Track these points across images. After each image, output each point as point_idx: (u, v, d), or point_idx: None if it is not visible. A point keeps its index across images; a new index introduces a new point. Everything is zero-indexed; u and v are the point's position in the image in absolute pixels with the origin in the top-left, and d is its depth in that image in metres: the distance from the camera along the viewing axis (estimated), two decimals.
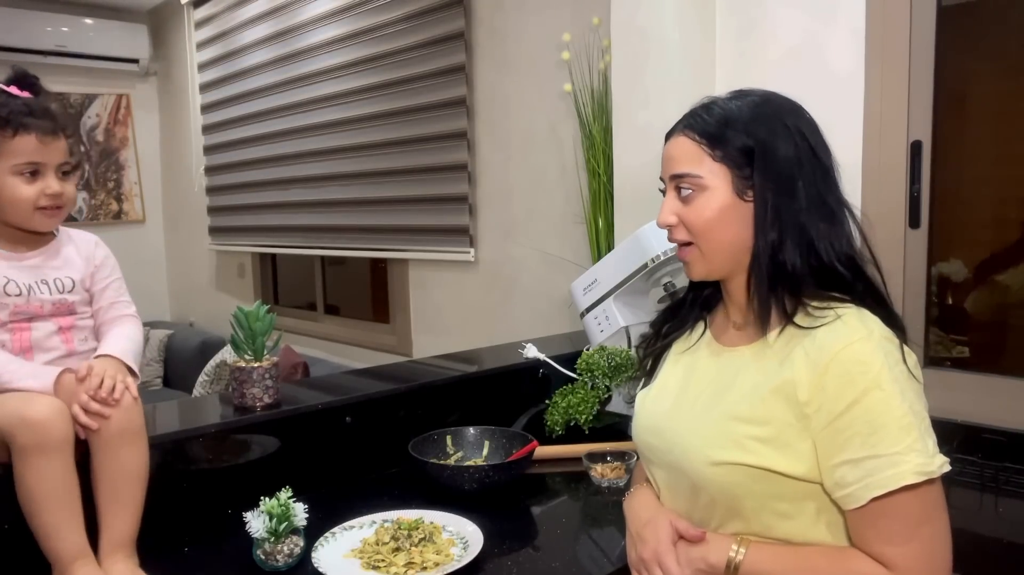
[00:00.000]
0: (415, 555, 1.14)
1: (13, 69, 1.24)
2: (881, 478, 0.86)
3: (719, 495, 0.96)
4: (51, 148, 1.20)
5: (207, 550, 1.23)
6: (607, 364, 1.73)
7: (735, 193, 0.98)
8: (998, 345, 1.72)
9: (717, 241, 0.99)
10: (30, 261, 1.23)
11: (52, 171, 1.21)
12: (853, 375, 0.88)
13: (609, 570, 1.14)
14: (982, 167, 1.71)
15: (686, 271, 1.06)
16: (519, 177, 2.70)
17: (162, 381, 4.59)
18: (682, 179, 1.00)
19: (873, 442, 0.86)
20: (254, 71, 3.98)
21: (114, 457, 1.13)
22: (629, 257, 1.79)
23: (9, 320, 1.20)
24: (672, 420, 1.05)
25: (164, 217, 5.18)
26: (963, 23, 1.70)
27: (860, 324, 0.91)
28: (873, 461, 0.86)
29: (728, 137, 0.98)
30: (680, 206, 1.02)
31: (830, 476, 0.90)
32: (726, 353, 1.05)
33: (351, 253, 3.51)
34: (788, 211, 0.95)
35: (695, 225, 1.00)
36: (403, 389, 1.66)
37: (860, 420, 0.87)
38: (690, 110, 1.04)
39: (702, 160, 0.99)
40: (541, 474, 1.55)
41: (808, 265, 0.95)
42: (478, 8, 2.77)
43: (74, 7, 4.58)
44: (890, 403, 0.87)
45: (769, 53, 1.89)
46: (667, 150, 1.04)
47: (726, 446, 0.95)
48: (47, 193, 1.20)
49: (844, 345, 0.89)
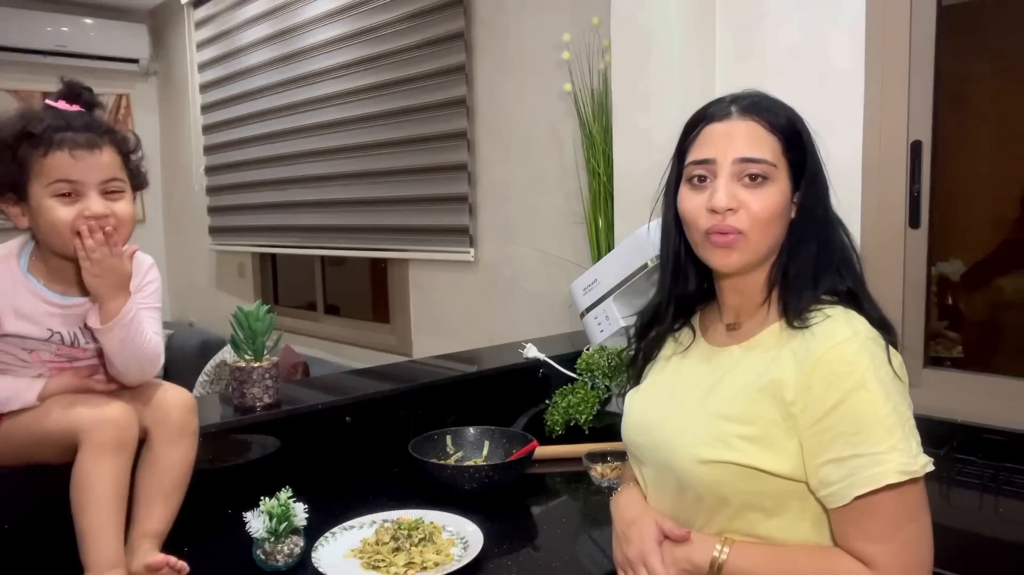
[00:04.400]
0: (415, 555, 1.15)
1: (62, 81, 1.17)
2: (864, 477, 0.87)
3: (706, 493, 0.97)
4: (88, 164, 1.09)
5: (207, 550, 1.22)
6: (607, 364, 1.73)
7: (791, 192, 0.99)
8: (999, 345, 1.72)
9: (768, 235, 0.98)
10: (79, 308, 1.14)
11: (93, 190, 1.10)
12: (839, 375, 0.89)
13: (609, 570, 1.14)
14: (982, 167, 1.71)
15: (718, 259, 0.99)
16: (519, 177, 2.70)
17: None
18: (753, 164, 0.96)
19: (857, 441, 0.87)
20: (254, 71, 3.98)
21: (167, 453, 1.16)
22: (629, 257, 1.79)
23: (52, 360, 1.17)
24: (660, 418, 1.05)
25: (164, 217, 5.18)
26: (963, 23, 1.69)
27: (846, 325, 0.92)
28: (857, 460, 0.87)
29: (797, 135, 0.99)
30: (741, 190, 0.97)
31: (815, 475, 0.91)
32: (716, 353, 1.05)
33: (351, 253, 3.51)
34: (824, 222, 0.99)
35: (760, 215, 0.96)
36: (403, 389, 1.66)
37: (845, 420, 0.88)
38: (744, 95, 1.02)
39: (774, 148, 0.98)
40: (541, 474, 1.55)
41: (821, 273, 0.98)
42: (478, 8, 2.77)
43: (74, 7, 4.58)
44: (875, 403, 0.88)
45: (769, 53, 1.89)
46: (729, 130, 0.99)
47: (714, 444, 0.95)
48: (86, 215, 1.08)
49: (830, 346, 0.90)
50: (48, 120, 1.09)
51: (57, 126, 1.09)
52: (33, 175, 1.09)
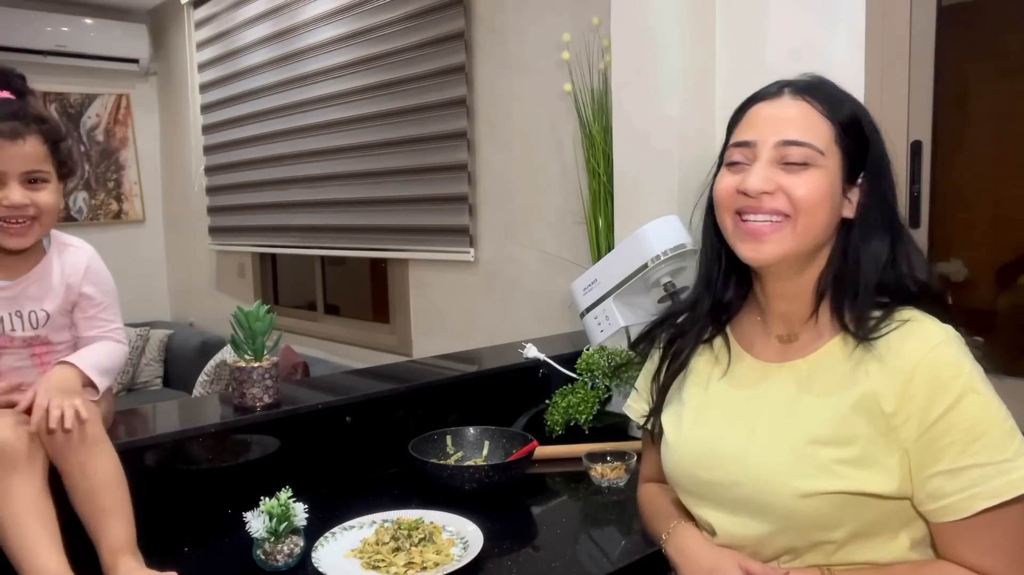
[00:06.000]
0: (415, 555, 1.14)
1: None
2: (990, 487, 0.80)
3: (807, 528, 0.87)
4: (10, 154, 1.09)
5: (207, 550, 1.23)
6: (607, 364, 1.73)
7: (842, 182, 0.90)
8: (999, 346, 1.72)
9: (816, 224, 0.89)
10: (6, 292, 1.14)
11: (14, 179, 1.10)
12: (944, 380, 0.82)
13: (609, 570, 1.14)
14: (982, 167, 1.71)
15: (749, 249, 0.92)
16: (519, 177, 2.70)
17: (162, 381, 4.59)
18: (797, 146, 0.89)
19: (976, 449, 0.81)
20: (254, 71, 3.98)
21: (81, 471, 1.07)
22: (629, 257, 1.79)
23: None
24: (734, 450, 0.93)
25: (164, 217, 5.18)
26: (963, 23, 1.69)
27: (935, 327, 0.86)
28: (979, 470, 0.80)
29: (857, 125, 0.91)
30: (781, 174, 0.89)
31: (922, 488, 0.84)
32: (774, 371, 0.95)
33: (351, 253, 3.51)
34: (888, 223, 0.91)
35: (806, 200, 0.88)
36: (403, 389, 1.66)
37: (958, 427, 0.81)
38: (803, 76, 0.96)
39: (825, 135, 0.90)
40: (541, 474, 1.55)
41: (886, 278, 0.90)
42: (478, 8, 2.77)
43: (74, 7, 4.58)
44: (988, 407, 0.82)
45: (769, 53, 1.89)
46: (774, 111, 0.93)
47: (814, 474, 0.86)
48: (5, 204, 1.09)
49: (927, 349, 0.84)
50: None
51: None
52: None
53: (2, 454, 1.02)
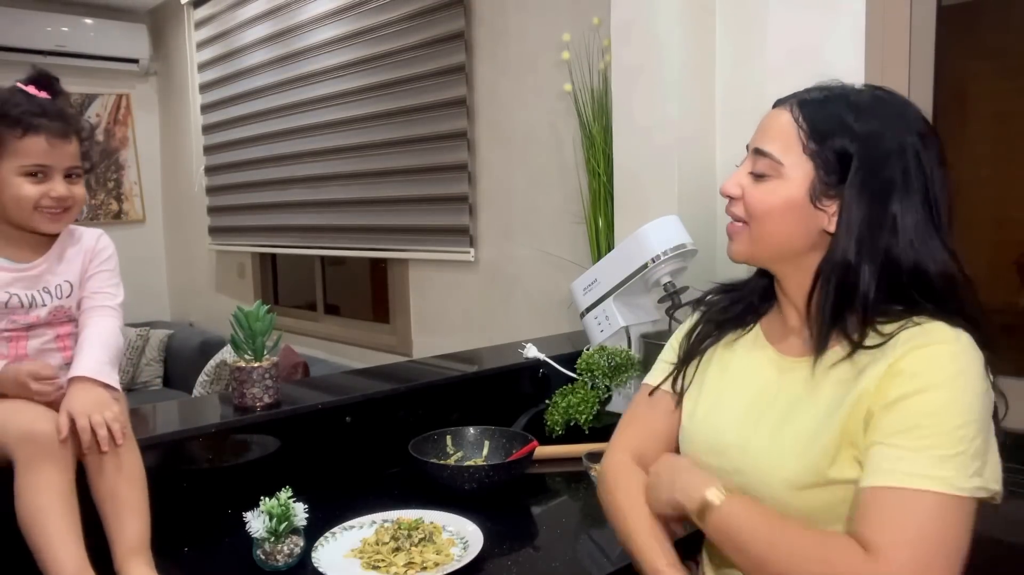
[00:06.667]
0: (415, 555, 1.14)
1: (33, 68, 1.23)
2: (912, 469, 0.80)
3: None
4: (60, 151, 1.18)
5: (207, 550, 1.23)
6: (607, 364, 1.73)
7: (809, 195, 0.91)
8: (999, 345, 1.72)
9: (770, 232, 0.95)
10: (34, 271, 1.21)
11: (59, 174, 1.19)
12: (921, 371, 0.83)
13: (609, 570, 1.14)
14: (982, 167, 1.71)
15: (728, 249, 1.01)
16: (519, 177, 2.70)
17: (162, 381, 4.59)
18: (763, 157, 0.94)
19: (917, 435, 0.81)
20: (254, 71, 3.98)
21: (109, 467, 1.10)
22: (629, 257, 1.79)
23: (7, 329, 1.18)
24: (738, 440, 0.97)
25: (164, 217, 5.18)
26: (963, 23, 1.69)
27: (949, 329, 0.86)
28: (911, 453, 0.80)
29: (832, 137, 0.91)
30: (749, 181, 0.96)
31: (864, 454, 0.85)
32: (790, 364, 0.98)
33: (351, 253, 3.51)
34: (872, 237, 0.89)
35: (755, 209, 0.95)
36: (403, 389, 1.66)
37: (912, 412, 0.82)
38: (815, 85, 0.97)
39: (792, 147, 0.92)
40: (541, 474, 1.55)
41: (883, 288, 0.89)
42: (478, 8, 2.77)
43: (74, 7, 4.58)
44: (952, 408, 0.81)
45: (769, 53, 1.89)
46: (766, 119, 0.97)
47: (807, 469, 0.88)
48: (52, 195, 1.18)
49: (927, 342, 0.85)
50: (24, 104, 1.16)
51: (33, 111, 1.16)
52: (6, 153, 1.15)
53: (39, 443, 1.05)
